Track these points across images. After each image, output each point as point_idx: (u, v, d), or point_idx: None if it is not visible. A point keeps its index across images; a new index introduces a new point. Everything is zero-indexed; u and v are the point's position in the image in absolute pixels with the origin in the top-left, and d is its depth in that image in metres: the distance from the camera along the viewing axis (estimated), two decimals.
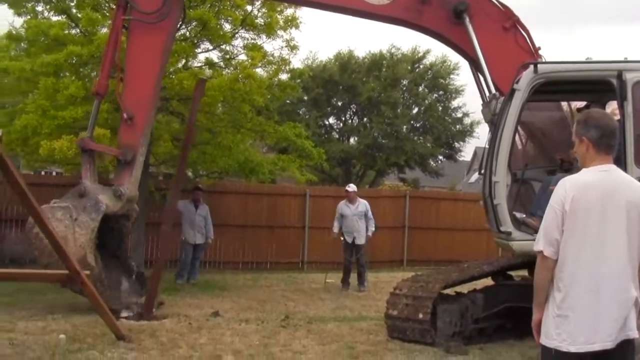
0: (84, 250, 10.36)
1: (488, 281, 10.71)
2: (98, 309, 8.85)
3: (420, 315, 9.46)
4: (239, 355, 8.58)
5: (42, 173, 28.71)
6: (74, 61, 13.73)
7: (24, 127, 13.43)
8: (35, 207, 8.08)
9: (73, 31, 14.79)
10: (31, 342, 8.83)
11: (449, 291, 10.18)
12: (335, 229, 16.08)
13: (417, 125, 33.11)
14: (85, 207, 10.66)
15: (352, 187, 16.43)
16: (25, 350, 8.35)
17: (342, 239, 16.07)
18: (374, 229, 16.15)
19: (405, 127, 32.24)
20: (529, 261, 10.43)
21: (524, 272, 10.94)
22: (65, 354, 8.25)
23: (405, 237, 22.11)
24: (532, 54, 10.28)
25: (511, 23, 10.68)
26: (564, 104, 10.82)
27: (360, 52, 48.50)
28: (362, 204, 16.08)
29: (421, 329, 9.48)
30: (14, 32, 15.08)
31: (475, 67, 10.58)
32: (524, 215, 9.28)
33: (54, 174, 30.18)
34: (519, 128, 9.49)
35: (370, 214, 16.02)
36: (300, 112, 31.81)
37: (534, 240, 4.39)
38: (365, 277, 16.08)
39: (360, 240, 15.95)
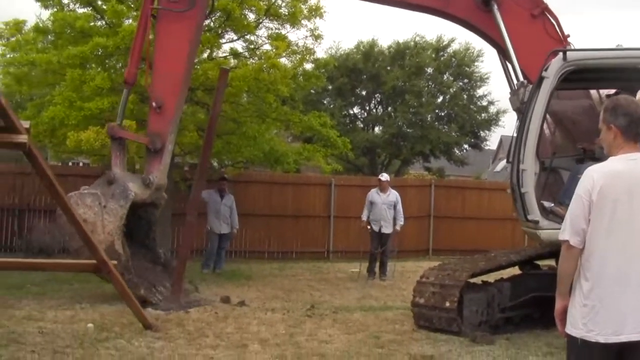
0: (112, 237, 10.41)
1: (515, 270, 10.62)
2: (125, 298, 8.89)
3: (447, 304, 9.40)
4: (265, 344, 8.58)
5: (70, 164, 28.86)
6: (99, 53, 13.77)
7: (52, 119, 13.50)
8: (63, 198, 8.09)
9: (99, 23, 14.86)
10: (60, 330, 8.88)
11: (476, 280, 10.11)
12: (364, 217, 16.12)
13: (442, 114, 32.88)
14: (114, 194, 10.64)
15: (385, 177, 16.52)
16: (55, 339, 8.38)
17: (369, 227, 16.05)
18: (402, 222, 16.13)
19: (430, 116, 32.01)
20: (556, 250, 10.26)
21: (551, 262, 10.76)
22: (93, 342, 8.31)
23: (431, 227, 22.07)
24: (560, 42, 10.14)
25: (540, 10, 10.49)
26: (593, 92, 10.58)
27: (384, 42, 48.22)
28: (393, 194, 16.12)
29: (448, 317, 9.41)
30: (40, 24, 15.08)
31: (503, 55, 10.44)
32: (552, 204, 9.17)
33: (80, 164, 30.34)
34: (547, 116, 9.27)
35: (400, 206, 16.03)
36: (325, 102, 31.67)
37: None
38: (387, 267, 16.09)
39: (387, 230, 15.90)
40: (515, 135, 9.46)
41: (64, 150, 15.85)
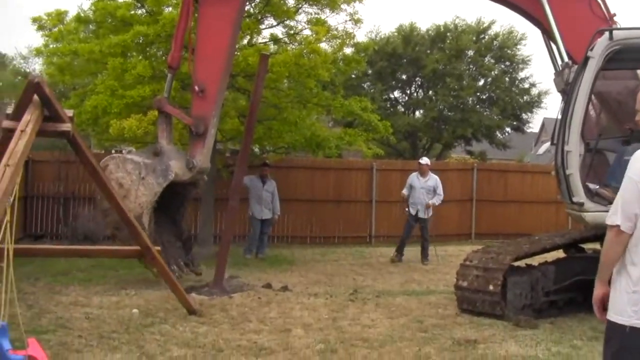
0: (142, 210, 10.43)
1: (559, 254, 10.48)
2: (169, 284, 8.96)
3: (491, 287, 9.32)
4: (308, 329, 8.60)
5: (113, 152, 29.03)
6: (140, 41, 13.87)
7: (94, 107, 13.63)
8: (107, 185, 8.20)
9: (139, 12, 14.96)
10: (106, 316, 9.00)
11: (520, 263, 10.01)
12: (405, 192, 16.28)
13: (484, 97, 32.54)
14: (155, 169, 10.65)
15: (425, 160, 16.44)
16: (101, 324, 8.51)
17: (406, 210, 16.11)
18: (437, 202, 16.14)
19: (471, 99, 31.71)
20: (601, 233, 10.09)
21: (596, 245, 10.60)
22: (138, 327, 8.40)
23: (473, 210, 21.90)
24: (606, 21, 9.93)
25: None
26: None
27: (423, 25, 47.79)
28: (433, 179, 16.04)
29: (491, 300, 9.34)
30: (82, 14, 15.25)
31: (547, 35, 10.25)
32: (598, 186, 9.02)
33: (123, 152, 30.54)
34: (592, 97, 9.08)
35: (440, 190, 15.97)
36: (365, 86, 31.52)
37: (607, 211, 4.13)
38: (428, 251, 16.05)
39: (424, 214, 15.88)
40: (559, 116, 9.30)
41: (107, 138, 15.99)
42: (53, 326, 8.27)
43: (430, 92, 32.54)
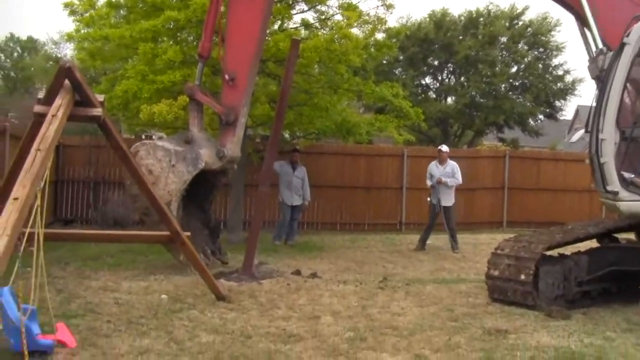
0: (171, 197, 10.54)
1: (592, 243, 10.38)
2: (198, 269, 8.96)
3: (522, 277, 9.23)
4: (337, 316, 8.56)
5: (143, 137, 28.95)
6: (171, 26, 13.93)
7: (125, 92, 13.68)
8: (137, 170, 8.27)
9: None
10: (135, 301, 9.04)
11: (552, 252, 9.89)
12: (429, 182, 16.14)
13: (516, 83, 32.21)
14: (186, 157, 10.74)
15: (445, 148, 16.26)
16: (130, 309, 8.53)
17: (428, 199, 16.09)
18: (449, 183, 15.98)
19: (503, 85, 31.42)
20: (636, 223, 9.98)
21: (630, 235, 10.45)
22: (167, 313, 8.41)
23: (505, 198, 21.72)
24: None
25: None
26: None
27: (456, 10, 47.41)
28: (450, 166, 15.91)
29: (523, 290, 9.25)
30: (113, 0, 15.03)
31: (582, 21, 10.04)
32: (633, 175, 8.86)
33: (154, 137, 30.42)
34: (627, 84, 8.90)
35: (458, 175, 15.89)
36: (397, 72, 31.32)
37: None
38: (457, 238, 15.92)
39: (447, 202, 15.77)
40: (594, 104, 9.12)
41: (137, 123, 16.02)
42: (82, 311, 8.31)
43: (462, 79, 32.28)
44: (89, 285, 10.01)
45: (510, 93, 31.87)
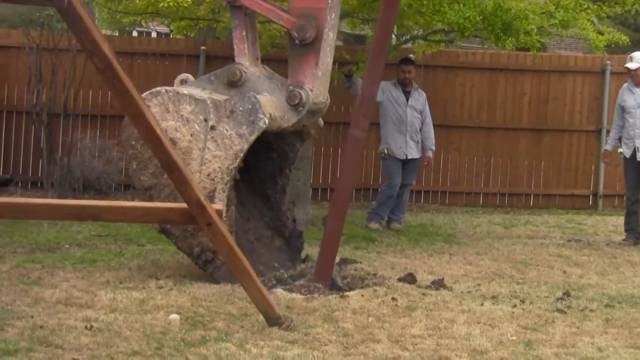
0: (215, 185, 8.19)
1: None
2: (237, 272, 6.81)
3: None
4: None
5: (134, 34, 25.61)
6: None
7: None
8: (130, 92, 5.81)
9: None
10: (122, 325, 6.99)
11: None
12: (610, 145, 12.42)
13: None
14: (234, 110, 8.15)
15: (637, 59, 12.41)
16: (113, 340, 6.51)
17: (619, 151, 12.54)
18: None
19: None
20: None
21: None
22: (179, 347, 6.40)
23: None
24: None
25: None
26: None
27: None
28: None
29: None
30: None
31: None
32: None
33: (154, 35, 26.05)
34: None
35: None
36: None
37: None
38: None
39: None
40: None
41: (126, 10, 13.15)
42: (27, 342, 6.31)
43: None
44: (40, 297, 7.97)
45: None
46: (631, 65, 12.25)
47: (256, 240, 9.29)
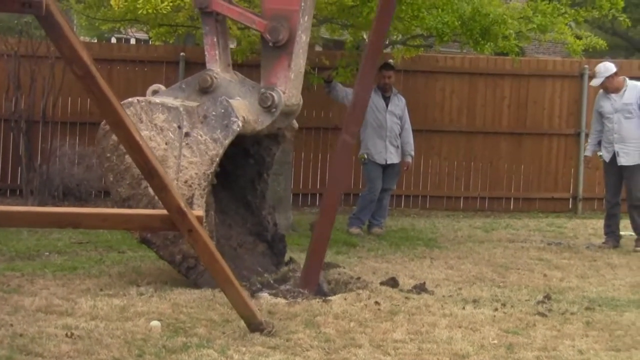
0: (193, 192, 8.12)
1: None
2: (218, 277, 6.81)
3: None
4: None
5: (112, 41, 25.06)
6: None
7: None
8: (109, 99, 5.73)
9: None
10: (103, 333, 7.01)
11: None
12: (589, 150, 12.62)
13: None
14: (207, 115, 8.20)
15: (605, 68, 12.15)
16: (94, 347, 6.51)
17: (599, 154, 12.57)
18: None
19: None
20: None
21: None
22: (160, 353, 6.41)
23: None
24: None
25: None
26: None
27: None
28: (633, 90, 12.11)
29: None
30: None
31: None
32: None
33: (132, 42, 26.20)
34: None
35: None
36: None
37: None
38: None
39: (628, 160, 12.15)
40: None
41: (105, 17, 13.03)
42: (7, 350, 6.38)
43: None
44: (19, 305, 7.94)
45: None
46: (594, 82, 12.36)
47: (239, 247, 9.35)
